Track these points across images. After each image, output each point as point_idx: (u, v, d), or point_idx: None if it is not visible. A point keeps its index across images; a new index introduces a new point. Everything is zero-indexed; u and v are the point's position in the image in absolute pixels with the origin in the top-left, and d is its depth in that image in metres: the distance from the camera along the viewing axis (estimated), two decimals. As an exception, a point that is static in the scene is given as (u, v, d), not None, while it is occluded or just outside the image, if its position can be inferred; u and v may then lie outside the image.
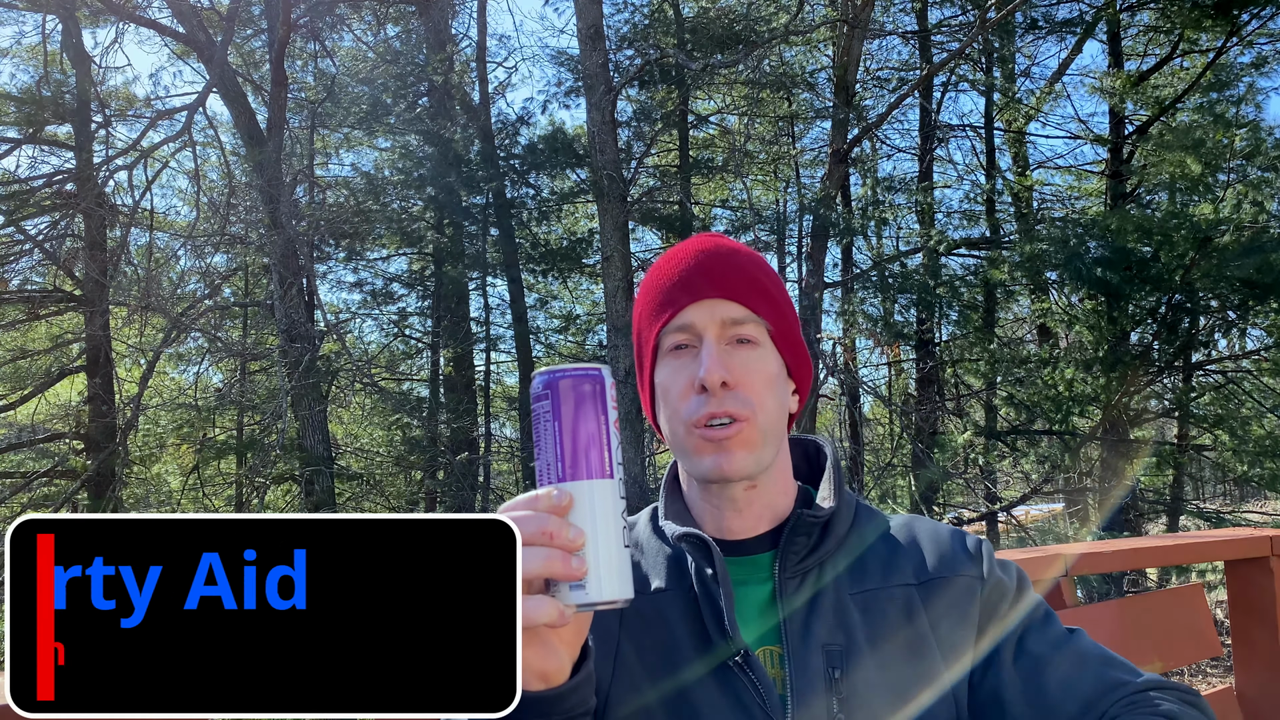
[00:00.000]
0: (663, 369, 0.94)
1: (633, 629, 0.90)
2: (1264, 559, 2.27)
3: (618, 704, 0.87)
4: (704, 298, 0.91)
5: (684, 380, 0.90)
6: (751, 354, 0.91)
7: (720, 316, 0.91)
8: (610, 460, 0.68)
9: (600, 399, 0.68)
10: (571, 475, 0.67)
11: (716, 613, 0.87)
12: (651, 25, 9.45)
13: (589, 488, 0.67)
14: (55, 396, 11.35)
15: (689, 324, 0.91)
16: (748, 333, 0.91)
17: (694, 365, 0.90)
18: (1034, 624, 0.92)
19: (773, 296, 0.94)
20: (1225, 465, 7.79)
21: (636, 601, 0.89)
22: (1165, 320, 7.27)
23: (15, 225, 9.55)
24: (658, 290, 0.95)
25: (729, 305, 0.91)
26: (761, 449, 0.90)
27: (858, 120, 8.87)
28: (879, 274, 8.95)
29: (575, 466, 0.67)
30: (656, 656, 0.88)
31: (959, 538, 0.97)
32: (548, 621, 0.64)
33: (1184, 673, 6.96)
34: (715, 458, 0.89)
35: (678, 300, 0.92)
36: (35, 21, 10.51)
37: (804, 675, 0.85)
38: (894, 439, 10.97)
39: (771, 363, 0.92)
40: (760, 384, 0.90)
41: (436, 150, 9.22)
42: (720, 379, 0.87)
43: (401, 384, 11.90)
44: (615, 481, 0.68)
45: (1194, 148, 7.20)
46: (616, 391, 0.71)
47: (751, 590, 0.91)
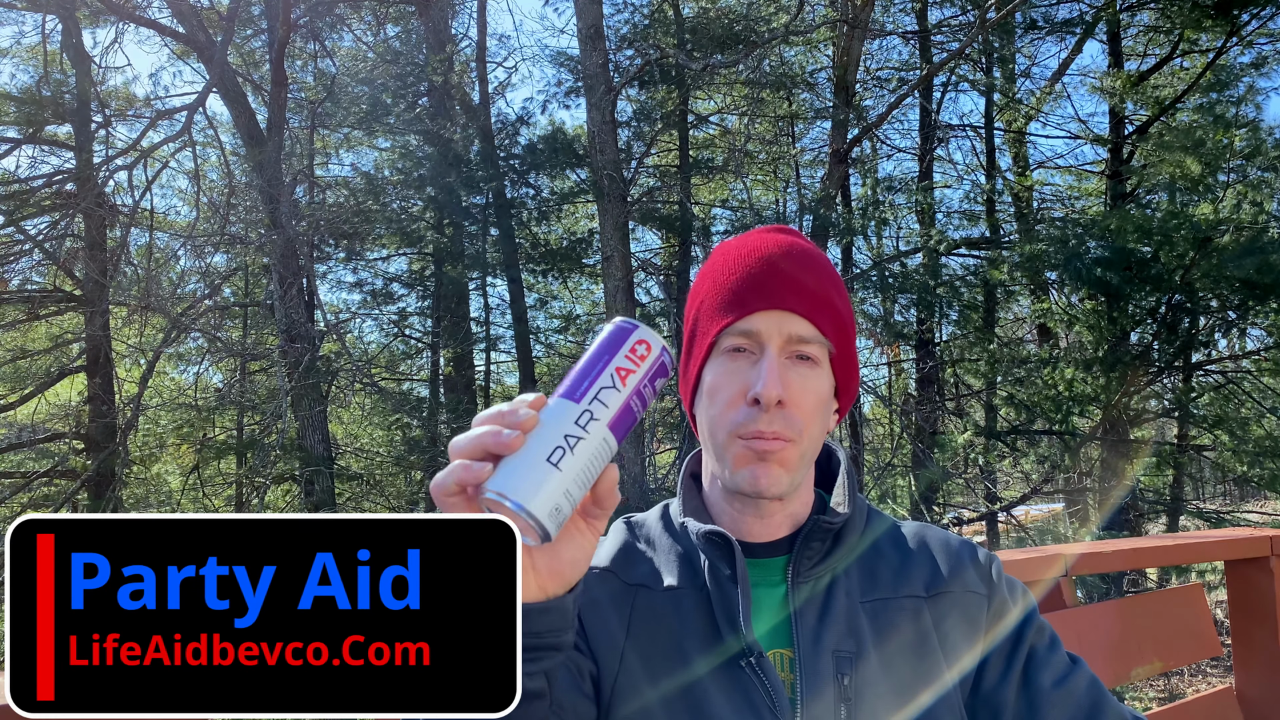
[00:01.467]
0: (714, 367, 0.92)
1: (643, 623, 0.90)
2: (1264, 559, 2.27)
3: (623, 697, 0.87)
4: (774, 308, 0.89)
5: (736, 386, 0.89)
6: (809, 374, 0.89)
7: (787, 331, 0.89)
8: (585, 390, 0.68)
9: (613, 344, 0.70)
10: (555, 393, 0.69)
11: (731, 612, 0.87)
12: (651, 25, 9.44)
13: (553, 405, 0.68)
14: (55, 396, 11.35)
15: (754, 331, 0.89)
16: (811, 352, 0.89)
17: (750, 374, 0.88)
18: (1040, 648, 0.92)
19: (841, 317, 0.92)
20: (1225, 465, 7.79)
21: (648, 596, 0.91)
22: (1165, 320, 7.28)
23: (15, 225, 9.54)
24: (726, 285, 0.92)
25: (798, 321, 0.89)
26: (798, 470, 0.90)
27: (858, 120, 8.87)
28: (879, 274, 8.94)
29: (558, 388, 0.69)
30: (666, 651, 0.88)
31: (970, 551, 0.97)
32: (442, 484, 0.64)
33: (1184, 673, 6.96)
34: (753, 471, 0.88)
35: (747, 303, 0.90)
36: (35, 21, 10.51)
37: (813, 679, 0.85)
38: (894, 439, 10.96)
39: (825, 385, 0.91)
40: (812, 406, 0.89)
41: (436, 150, 9.22)
42: (777, 397, 0.86)
43: (401, 384, 11.90)
44: (578, 407, 0.67)
45: (1194, 148, 7.20)
46: (652, 356, 0.71)
47: (764, 592, 0.91)
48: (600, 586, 0.92)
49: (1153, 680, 6.89)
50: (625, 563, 0.95)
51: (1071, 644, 1.82)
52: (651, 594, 0.91)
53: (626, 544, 0.97)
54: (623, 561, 0.95)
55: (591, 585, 0.92)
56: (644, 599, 0.91)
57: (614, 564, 0.95)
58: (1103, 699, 0.91)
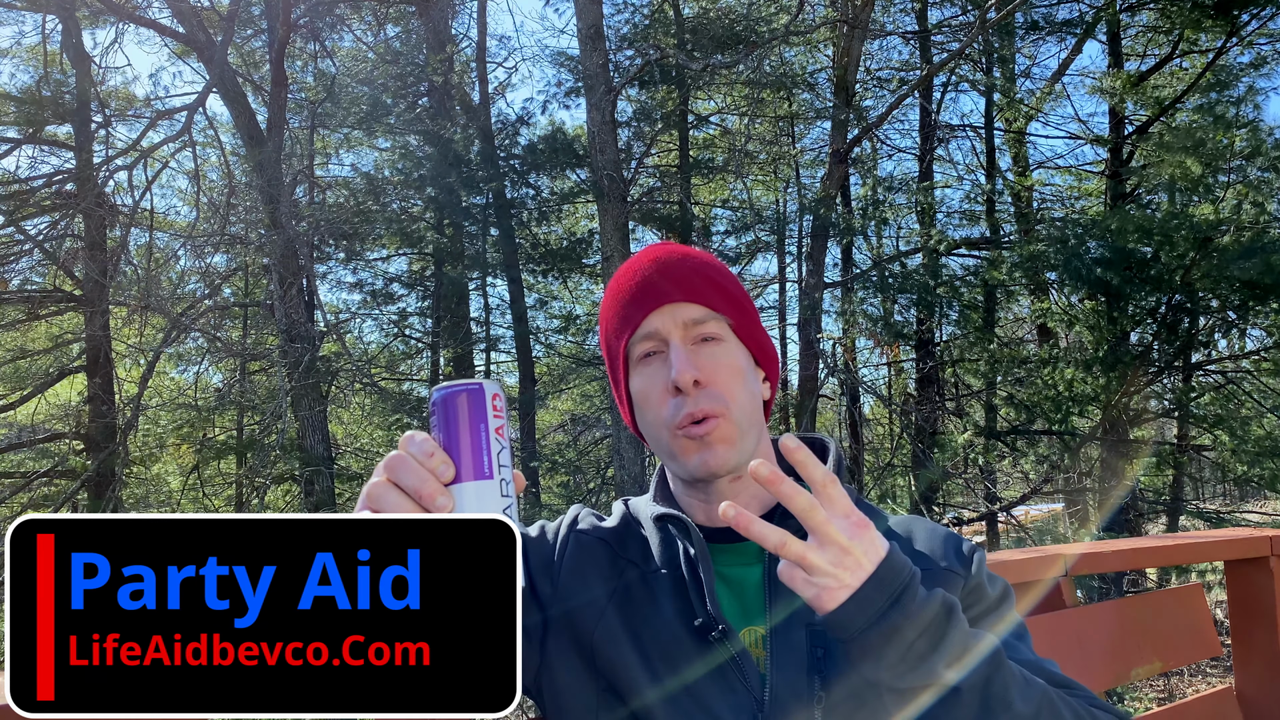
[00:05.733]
0: (636, 378, 0.97)
1: (626, 595, 0.93)
2: (1264, 559, 2.27)
3: (602, 650, 0.90)
4: (664, 303, 0.95)
5: (658, 385, 0.94)
6: (717, 350, 0.94)
7: (682, 319, 0.94)
8: (489, 463, 0.72)
9: (478, 409, 0.73)
10: (455, 479, 0.72)
11: (699, 590, 0.90)
12: (651, 25, 9.44)
13: (470, 489, 0.71)
14: (55, 396, 11.34)
15: (653, 331, 0.95)
16: (710, 330, 0.95)
17: (665, 369, 0.93)
18: (1010, 642, 0.93)
19: (729, 292, 0.98)
20: (1225, 465, 7.78)
21: (635, 573, 0.96)
22: (1165, 320, 7.27)
23: (15, 225, 9.55)
24: (618, 304, 0.99)
25: (688, 307, 0.94)
26: (741, 441, 0.93)
27: (858, 120, 8.87)
28: (879, 274, 8.94)
29: (458, 471, 0.72)
30: (641, 628, 0.91)
31: (954, 540, 0.99)
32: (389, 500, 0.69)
33: (1184, 673, 6.96)
34: (700, 455, 0.92)
35: (639, 310, 0.96)
36: (35, 21, 10.51)
37: (786, 653, 0.87)
38: (894, 439, 10.96)
39: (738, 356, 0.96)
40: (729, 378, 0.93)
41: (436, 150, 9.21)
42: (692, 378, 0.90)
43: (401, 384, 11.90)
44: (495, 481, 0.72)
45: (1194, 148, 7.19)
46: (503, 402, 0.76)
47: (740, 572, 0.94)
48: (594, 551, 0.97)
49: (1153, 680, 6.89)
50: (621, 539, 1.00)
51: (1071, 644, 1.83)
52: (638, 571, 0.96)
53: (624, 522, 1.02)
54: (619, 537, 1.00)
55: (587, 548, 0.97)
56: (632, 574, 0.95)
57: (611, 537, 1.00)
58: (1072, 684, 0.91)
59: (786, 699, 0.85)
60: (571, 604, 0.93)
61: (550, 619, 0.93)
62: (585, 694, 0.90)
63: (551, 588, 0.94)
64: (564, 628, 0.93)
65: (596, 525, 1.01)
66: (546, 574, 0.96)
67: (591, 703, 0.89)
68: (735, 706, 0.85)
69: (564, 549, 0.98)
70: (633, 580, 0.94)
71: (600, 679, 0.90)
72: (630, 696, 0.87)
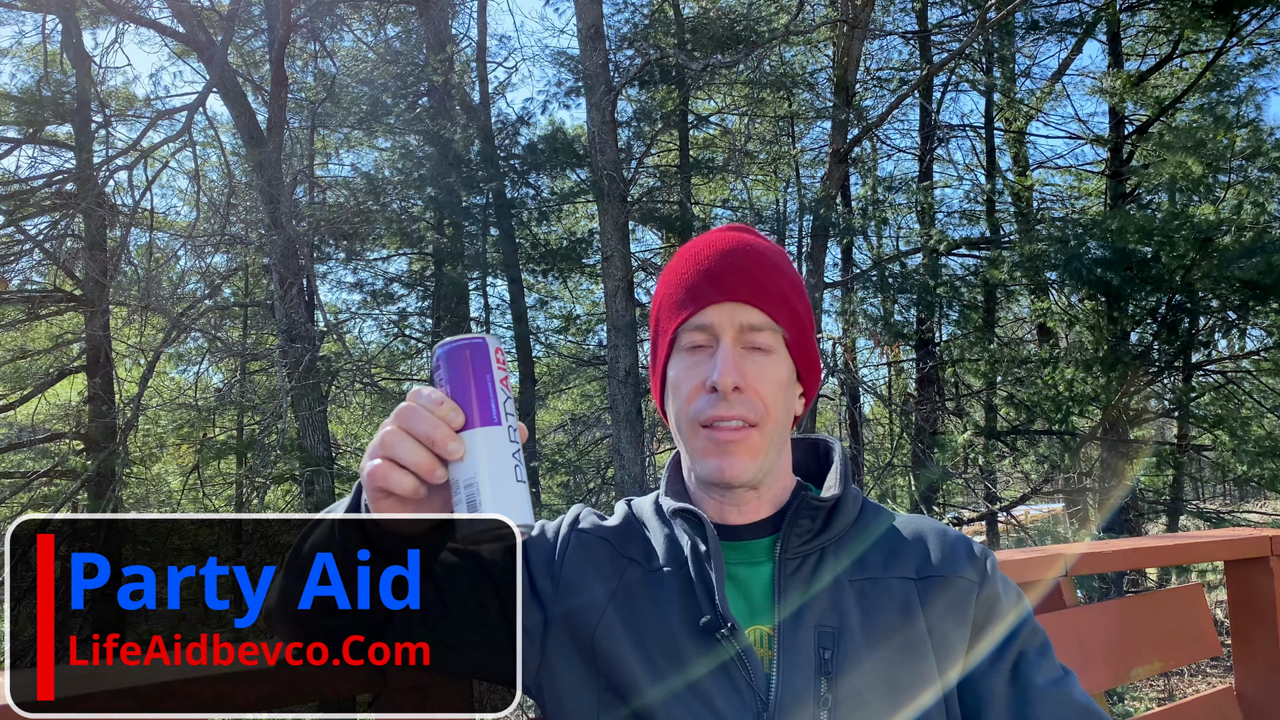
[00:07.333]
0: (676, 363, 0.96)
1: (627, 593, 0.92)
2: (1264, 559, 2.27)
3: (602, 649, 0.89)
4: (726, 300, 0.93)
5: (696, 379, 0.92)
6: (765, 360, 0.93)
7: (740, 321, 0.92)
8: (497, 409, 0.75)
9: (482, 360, 0.76)
10: (465, 426, 0.74)
11: (708, 587, 0.89)
12: (651, 25, 9.44)
13: (480, 434, 0.74)
14: (55, 396, 11.34)
15: (708, 324, 0.93)
16: (764, 341, 0.93)
17: (708, 365, 0.92)
18: (1031, 651, 0.93)
19: (793, 304, 0.96)
20: (1225, 465, 7.78)
21: (637, 571, 0.95)
22: (1165, 320, 7.27)
23: (15, 225, 9.54)
24: (681, 284, 0.96)
25: (750, 311, 0.92)
26: (765, 455, 0.92)
27: (858, 120, 8.87)
28: (879, 274, 8.94)
29: (467, 418, 0.74)
30: (648, 619, 0.90)
31: (965, 543, 0.98)
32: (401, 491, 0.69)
33: (1184, 673, 6.96)
34: (719, 461, 0.91)
35: (699, 298, 0.94)
36: (35, 21, 10.51)
37: (793, 654, 0.87)
38: (894, 439, 10.96)
39: (783, 369, 0.94)
40: (770, 391, 0.92)
41: (436, 150, 9.21)
42: (733, 383, 0.89)
43: (401, 384, 11.89)
44: (504, 427, 0.75)
45: (1194, 148, 7.18)
46: (505, 355, 0.79)
47: (749, 571, 0.93)
48: (595, 550, 0.96)
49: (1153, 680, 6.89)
50: (623, 537, 0.99)
51: (1071, 644, 1.83)
52: (640, 570, 0.95)
53: (627, 522, 1.01)
54: (621, 536, 0.99)
55: (588, 547, 0.97)
56: (633, 573, 0.95)
57: (612, 536, 0.99)
58: (1095, 711, 0.91)
59: (792, 699, 0.85)
60: (572, 603, 0.92)
61: (551, 618, 0.92)
62: (586, 693, 0.89)
63: (552, 587, 0.93)
64: (565, 627, 0.92)
65: (598, 524, 1.00)
66: (547, 573, 0.95)
67: (592, 702, 0.88)
68: (739, 706, 0.85)
69: (565, 548, 0.97)
70: (634, 579, 0.94)
71: (601, 678, 0.89)
72: (631, 696, 0.87)
